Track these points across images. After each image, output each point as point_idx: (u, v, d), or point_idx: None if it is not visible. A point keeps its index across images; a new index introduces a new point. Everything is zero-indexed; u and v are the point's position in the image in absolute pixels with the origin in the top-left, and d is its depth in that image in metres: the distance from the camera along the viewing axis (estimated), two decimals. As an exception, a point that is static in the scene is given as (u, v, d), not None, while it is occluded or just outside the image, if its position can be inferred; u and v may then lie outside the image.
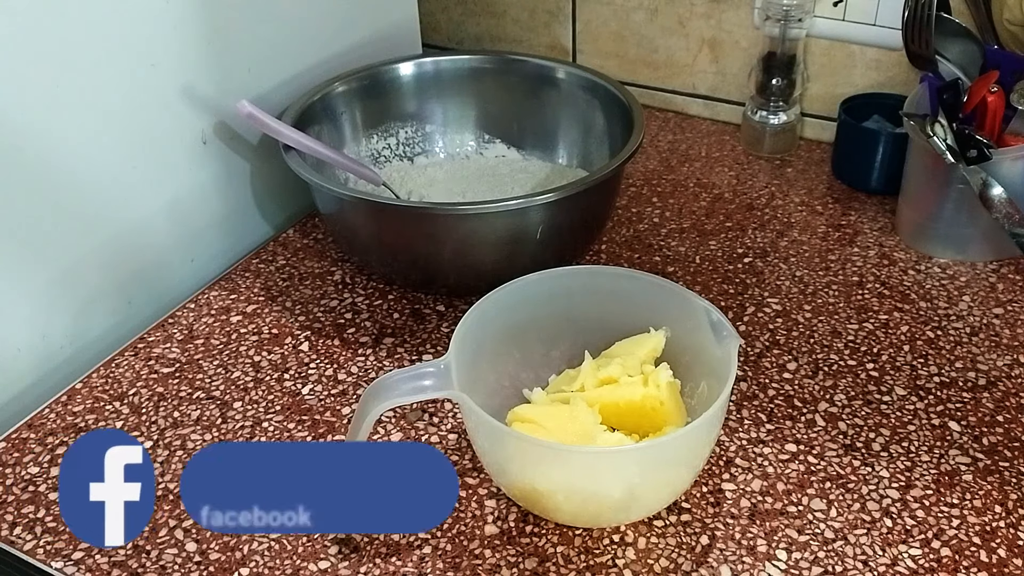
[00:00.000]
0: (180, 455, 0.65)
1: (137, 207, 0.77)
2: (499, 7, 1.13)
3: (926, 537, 0.58)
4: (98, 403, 0.70)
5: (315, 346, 0.75)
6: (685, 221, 0.89)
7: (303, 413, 0.69)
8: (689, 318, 0.61)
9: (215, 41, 0.79)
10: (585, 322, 0.66)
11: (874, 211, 0.90)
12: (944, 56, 0.81)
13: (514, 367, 0.66)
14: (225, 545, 0.59)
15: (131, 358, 0.74)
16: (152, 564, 0.58)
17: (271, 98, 0.83)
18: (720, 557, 0.57)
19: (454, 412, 0.68)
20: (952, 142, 0.77)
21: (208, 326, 0.77)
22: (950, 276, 0.81)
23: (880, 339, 0.74)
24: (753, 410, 0.68)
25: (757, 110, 0.99)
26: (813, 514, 0.60)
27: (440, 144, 0.92)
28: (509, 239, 0.73)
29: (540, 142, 0.91)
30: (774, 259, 0.84)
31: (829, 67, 0.99)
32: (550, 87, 0.89)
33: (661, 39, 1.06)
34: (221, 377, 0.72)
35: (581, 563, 0.57)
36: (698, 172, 0.97)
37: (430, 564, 0.57)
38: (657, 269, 0.82)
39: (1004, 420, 0.67)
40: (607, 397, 0.61)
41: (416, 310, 0.79)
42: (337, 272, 0.83)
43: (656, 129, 1.06)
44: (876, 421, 0.67)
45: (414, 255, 0.76)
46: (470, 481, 0.63)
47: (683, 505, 0.61)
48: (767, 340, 0.74)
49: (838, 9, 0.95)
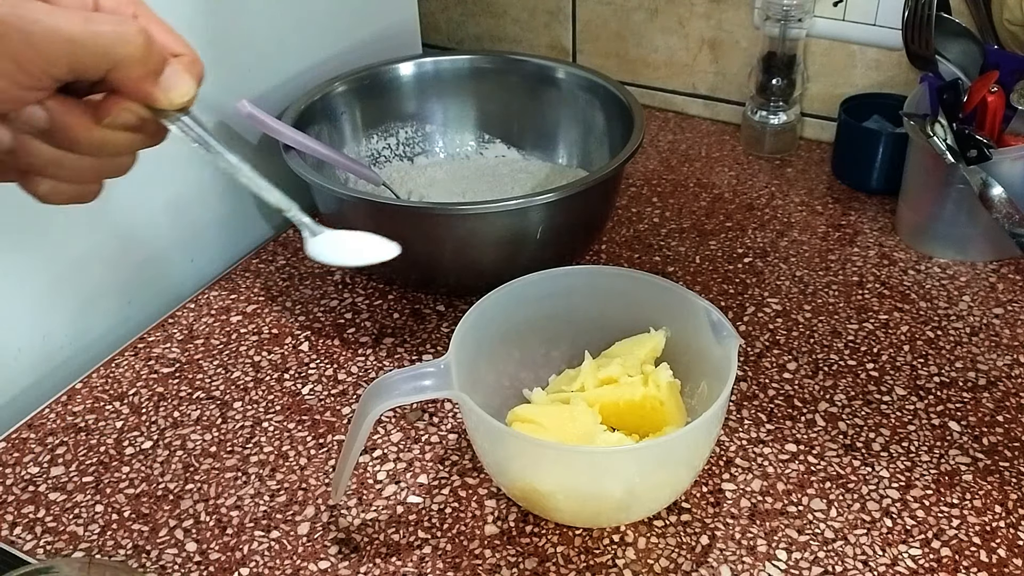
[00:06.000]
0: (180, 455, 0.65)
1: (137, 207, 0.77)
2: (499, 7, 1.13)
3: (926, 537, 0.58)
4: (98, 403, 0.70)
5: (315, 346, 0.75)
6: (685, 221, 0.89)
7: (303, 413, 0.69)
8: (689, 318, 0.61)
9: (215, 41, 0.79)
10: (585, 322, 0.66)
11: (874, 211, 0.90)
12: (944, 56, 0.81)
13: (514, 367, 0.66)
14: (225, 545, 0.59)
15: (131, 358, 0.74)
16: (152, 564, 0.58)
17: (271, 98, 0.83)
18: (720, 557, 0.57)
19: (454, 412, 0.68)
20: (952, 142, 0.77)
21: (208, 326, 0.77)
22: (950, 276, 0.81)
23: (880, 339, 0.74)
24: (753, 410, 0.68)
25: (757, 110, 0.99)
26: (813, 514, 0.60)
27: (440, 144, 0.92)
28: (509, 239, 0.73)
29: (540, 142, 0.91)
30: (774, 259, 0.84)
31: (829, 67, 0.99)
32: (550, 87, 0.89)
33: (661, 39, 1.06)
34: (221, 377, 0.72)
35: (581, 563, 0.57)
36: (698, 172, 0.97)
37: (430, 564, 0.57)
38: (657, 269, 0.82)
39: (1004, 420, 0.67)
40: (607, 397, 0.61)
41: (416, 310, 0.79)
42: (337, 272, 0.83)
43: (656, 129, 1.06)
44: (876, 421, 0.67)
45: (414, 255, 0.76)
46: (470, 481, 0.63)
47: (683, 505, 0.61)
48: (767, 340, 0.74)
49: (838, 9, 0.95)
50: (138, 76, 0.39)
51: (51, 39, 0.36)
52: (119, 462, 0.65)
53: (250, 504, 0.62)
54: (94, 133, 0.40)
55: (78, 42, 0.36)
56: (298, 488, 0.63)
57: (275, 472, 0.64)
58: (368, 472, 0.64)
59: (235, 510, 0.61)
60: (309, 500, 0.62)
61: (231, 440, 0.67)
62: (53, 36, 0.36)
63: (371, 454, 0.65)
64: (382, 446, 0.66)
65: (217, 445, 0.66)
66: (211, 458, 0.65)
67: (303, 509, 0.61)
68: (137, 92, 0.39)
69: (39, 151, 0.39)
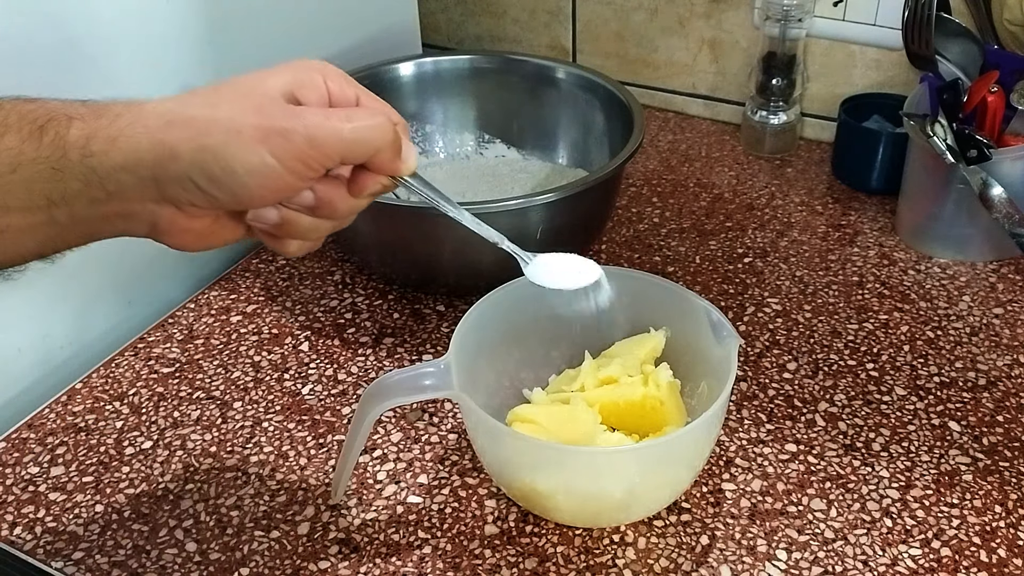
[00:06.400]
0: (180, 455, 0.65)
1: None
2: (499, 7, 1.13)
3: (926, 537, 0.58)
4: (98, 403, 0.70)
5: (315, 346, 0.75)
6: (685, 221, 0.89)
7: (303, 413, 0.69)
8: (689, 318, 0.61)
9: (215, 41, 0.79)
10: (585, 322, 0.66)
11: (874, 211, 0.90)
12: (944, 56, 0.81)
13: (514, 367, 0.66)
14: (225, 545, 0.59)
15: (131, 358, 0.74)
16: (152, 564, 0.58)
17: (271, 98, 0.83)
18: (720, 557, 0.57)
19: (454, 412, 0.68)
20: (952, 142, 0.77)
21: (208, 326, 0.77)
22: (950, 276, 0.81)
23: (880, 339, 0.74)
24: (753, 410, 0.68)
25: (757, 110, 0.99)
26: (813, 514, 0.60)
27: (440, 144, 0.92)
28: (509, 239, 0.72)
29: (540, 142, 0.91)
30: (774, 259, 0.84)
31: (829, 67, 0.99)
32: (550, 87, 0.89)
33: (661, 39, 1.06)
34: (221, 377, 0.72)
35: (581, 563, 0.57)
36: (698, 172, 0.97)
37: (430, 564, 0.57)
38: (657, 269, 0.82)
39: (1004, 420, 0.67)
40: (607, 397, 0.61)
41: (416, 310, 0.79)
42: (337, 272, 0.83)
43: (656, 129, 1.06)
44: (876, 421, 0.67)
45: (414, 255, 0.76)
46: (470, 481, 0.63)
47: (683, 505, 0.61)
48: (767, 340, 0.74)
49: (838, 9, 0.95)
50: (389, 158, 0.46)
51: (330, 140, 0.43)
52: (119, 462, 0.65)
53: (250, 504, 0.62)
54: (350, 203, 0.47)
55: (350, 139, 0.44)
56: (298, 488, 0.63)
57: (275, 472, 0.64)
58: (368, 472, 0.64)
59: (235, 510, 0.61)
60: (309, 500, 0.62)
61: (231, 440, 0.67)
62: (332, 138, 0.43)
63: (371, 454, 0.65)
64: (382, 446, 0.66)
65: (217, 445, 0.66)
66: (211, 458, 0.65)
67: (303, 509, 0.61)
68: (387, 168, 0.47)
69: (300, 221, 0.47)
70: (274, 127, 0.42)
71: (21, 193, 0.41)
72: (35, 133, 0.41)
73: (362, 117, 0.45)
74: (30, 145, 0.41)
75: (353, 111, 0.46)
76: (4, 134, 0.41)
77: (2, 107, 0.42)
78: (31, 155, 0.41)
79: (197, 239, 0.46)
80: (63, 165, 0.41)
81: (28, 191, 0.41)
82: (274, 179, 0.43)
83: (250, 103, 0.43)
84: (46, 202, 0.42)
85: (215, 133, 0.42)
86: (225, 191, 0.43)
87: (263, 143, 0.42)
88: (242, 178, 0.42)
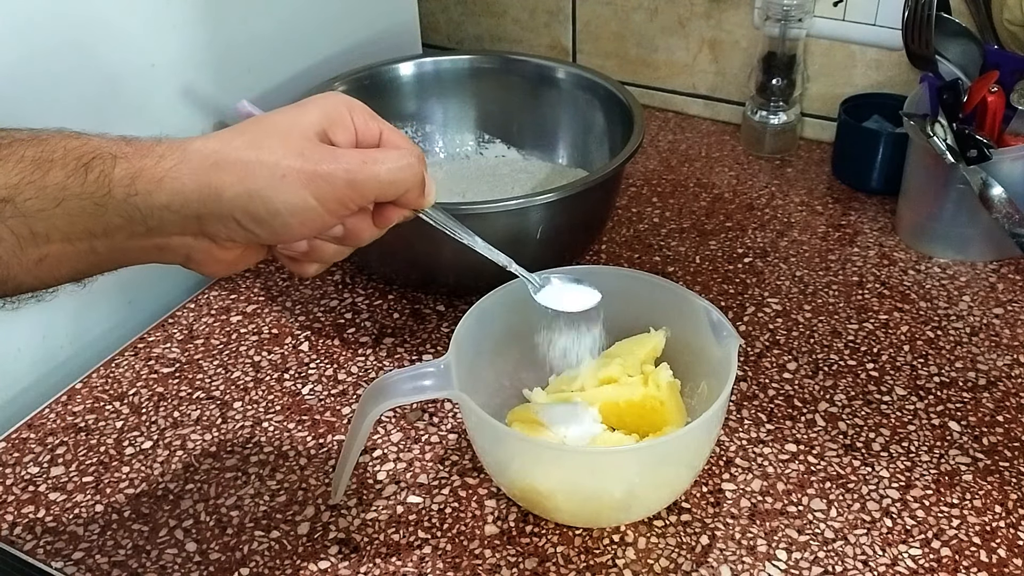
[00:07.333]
0: (180, 455, 0.65)
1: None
2: (499, 7, 1.13)
3: (926, 537, 0.58)
4: (98, 403, 0.70)
5: (315, 346, 0.75)
6: (685, 221, 0.89)
7: (303, 413, 0.69)
8: (689, 318, 0.61)
9: (215, 41, 0.79)
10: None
11: (874, 211, 0.90)
12: (944, 56, 0.81)
13: (514, 367, 0.66)
14: (225, 545, 0.59)
15: (131, 358, 0.74)
16: (152, 564, 0.58)
17: (271, 98, 0.83)
18: (720, 557, 0.57)
19: (454, 412, 0.68)
20: (952, 142, 0.77)
21: (208, 326, 0.77)
22: (950, 276, 0.81)
23: (880, 339, 0.74)
24: (753, 410, 0.68)
25: (757, 110, 0.99)
26: (813, 514, 0.60)
27: (440, 144, 0.92)
28: (509, 239, 0.72)
29: (540, 142, 0.91)
30: (774, 259, 0.84)
31: (829, 67, 0.99)
32: (550, 87, 0.89)
33: (661, 39, 1.06)
34: (221, 377, 0.72)
35: (581, 563, 0.57)
36: (698, 172, 0.97)
37: (430, 564, 0.57)
38: (657, 269, 0.82)
39: (1004, 420, 0.67)
40: (607, 397, 0.61)
41: (416, 310, 0.79)
42: (337, 272, 0.83)
43: (656, 129, 1.06)
44: (876, 421, 0.67)
45: (414, 255, 0.76)
46: (470, 481, 0.63)
47: (683, 505, 0.61)
48: (767, 340, 0.74)
49: (838, 9, 0.95)
50: (416, 195, 0.49)
51: (369, 183, 0.46)
52: (119, 462, 0.65)
53: (250, 504, 0.62)
54: (373, 232, 0.50)
55: (386, 181, 0.47)
56: (298, 488, 0.63)
57: (275, 472, 0.64)
58: (368, 472, 0.64)
59: (235, 510, 0.61)
60: (309, 500, 0.62)
61: (231, 440, 0.67)
62: (370, 181, 0.46)
63: (371, 454, 0.65)
64: (382, 446, 0.66)
65: (217, 445, 0.66)
66: (211, 458, 0.65)
67: (303, 509, 0.61)
68: (412, 204, 0.50)
69: (326, 249, 0.50)
70: (317, 171, 0.45)
71: (63, 225, 0.43)
72: (80, 169, 0.42)
73: (394, 159, 0.47)
74: (75, 181, 0.42)
75: (386, 154, 0.48)
76: (50, 169, 0.42)
77: (48, 141, 0.43)
78: (76, 190, 0.42)
79: (227, 267, 0.48)
80: (106, 202, 0.43)
81: (70, 224, 0.43)
82: (314, 218, 0.46)
83: (292, 146, 0.45)
84: (87, 234, 0.43)
85: (260, 176, 0.44)
86: (267, 229, 0.45)
87: (306, 187, 0.44)
88: (285, 218, 0.45)
